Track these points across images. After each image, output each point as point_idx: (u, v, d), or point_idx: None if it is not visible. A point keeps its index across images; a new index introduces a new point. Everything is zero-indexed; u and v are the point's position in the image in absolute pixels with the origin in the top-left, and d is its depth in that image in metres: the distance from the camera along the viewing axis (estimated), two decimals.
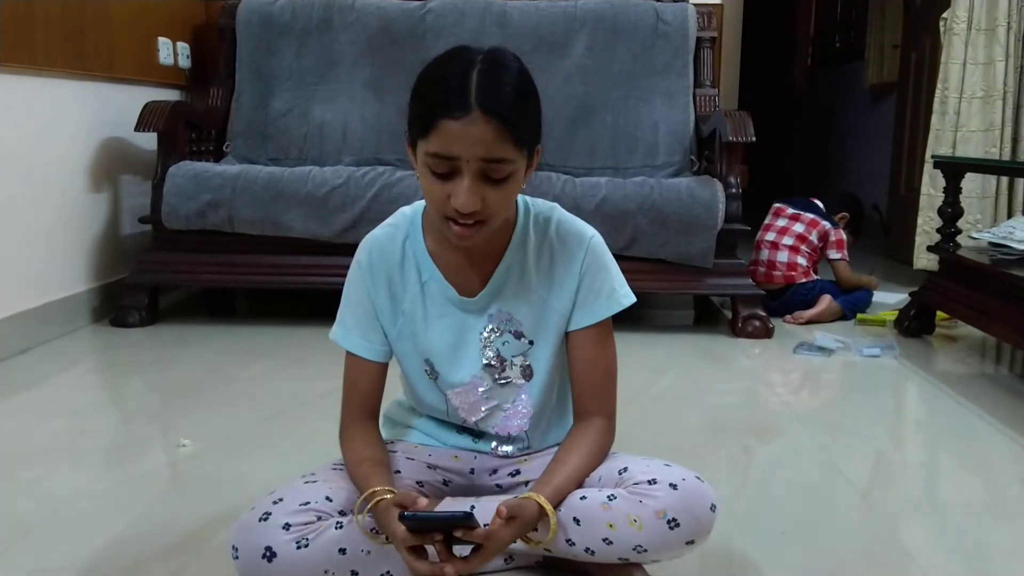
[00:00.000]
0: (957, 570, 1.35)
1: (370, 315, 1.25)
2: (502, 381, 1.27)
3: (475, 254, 1.22)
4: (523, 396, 1.28)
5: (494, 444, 1.32)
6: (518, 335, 1.25)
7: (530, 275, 1.24)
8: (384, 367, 1.28)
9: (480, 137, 1.04)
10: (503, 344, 1.25)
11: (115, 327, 2.80)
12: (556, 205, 1.28)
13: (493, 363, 1.26)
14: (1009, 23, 3.33)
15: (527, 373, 1.27)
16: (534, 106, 1.12)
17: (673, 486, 1.14)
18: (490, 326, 1.25)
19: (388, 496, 1.09)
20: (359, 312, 1.26)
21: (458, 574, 1.03)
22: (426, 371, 1.28)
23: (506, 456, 1.32)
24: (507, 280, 1.24)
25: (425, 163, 1.09)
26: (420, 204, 1.26)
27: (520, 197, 1.24)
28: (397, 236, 1.25)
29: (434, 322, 1.25)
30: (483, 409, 1.28)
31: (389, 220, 1.28)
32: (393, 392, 1.36)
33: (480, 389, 1.27)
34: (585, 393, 1.26)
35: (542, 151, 1.18)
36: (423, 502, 1.06)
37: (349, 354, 1.27)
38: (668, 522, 1.12)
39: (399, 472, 1.26)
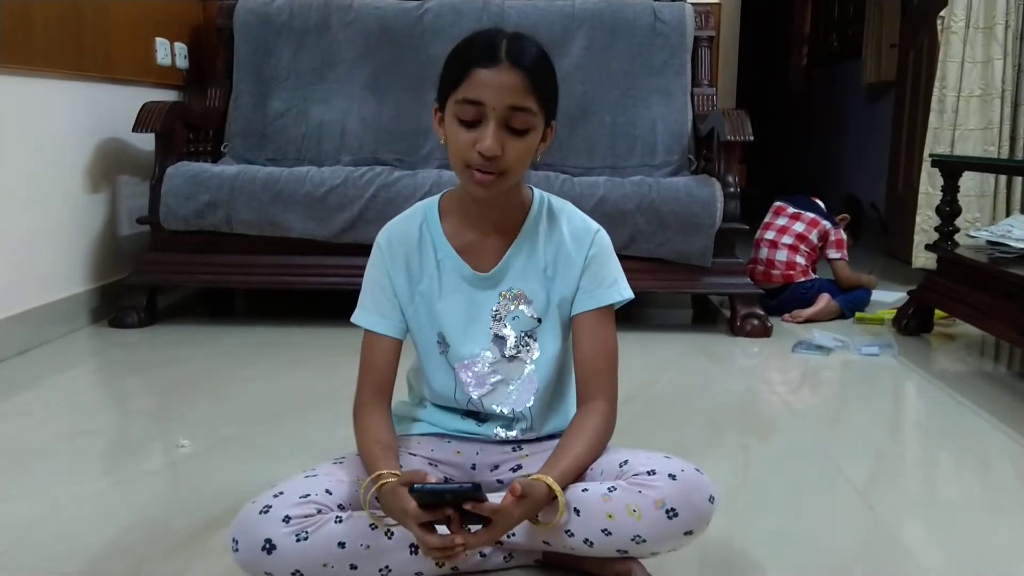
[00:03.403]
0: (956, 568, 1.35)
1: (388, 293, 1.31)
2: (510, 355, 1.31)
3: (489, 231, 1.30)
4: (529, 372, 1.32)
5: (497, 429, 1.34)
6: (527, 312, 1.31)
7: (540, 256, 1.31)
8: (399, 344, 1.33)
9: (507, 84, 1.15)
10: (512, 319, 1.31)
11: (114, 328, 2.80)
12: (569, 203, 1.37)
13: (502, 335, 1.31)
14: (1007, 21, 3.33)
15: (534, 349, 1.31)
16: (553, 76, 1.23)
17: (672, 476, 1.16)
18: (501, 302, 1.31)
19: (393, 479, 1.12)
20: (378, 292, 1.32)
21: (468, 548, 1.07)
22: (438, 344, 1.32)
23: (507, 442, 1.34)
24: (518, 259, 1.31)
25: (454, 113, 1.18)
26: (435, 196, 1.35)
27: (536, 189, 1.34)
28: (414, 220, 1.33)
29: (448, 297, 1.31)
30: (490, 383, 1.32)
31: (406, 212, 1.36)
32: (397, 392, 1.36)
33: (488, 362, 1.31)
34: (588, 376, 1.30)
35: (555, 130, 1.26)
36: (431, 478, 1.09)
37: (366, 333, 1.32)
38: (667, 512, 1.14)
39: (401, 467, 1.27)
